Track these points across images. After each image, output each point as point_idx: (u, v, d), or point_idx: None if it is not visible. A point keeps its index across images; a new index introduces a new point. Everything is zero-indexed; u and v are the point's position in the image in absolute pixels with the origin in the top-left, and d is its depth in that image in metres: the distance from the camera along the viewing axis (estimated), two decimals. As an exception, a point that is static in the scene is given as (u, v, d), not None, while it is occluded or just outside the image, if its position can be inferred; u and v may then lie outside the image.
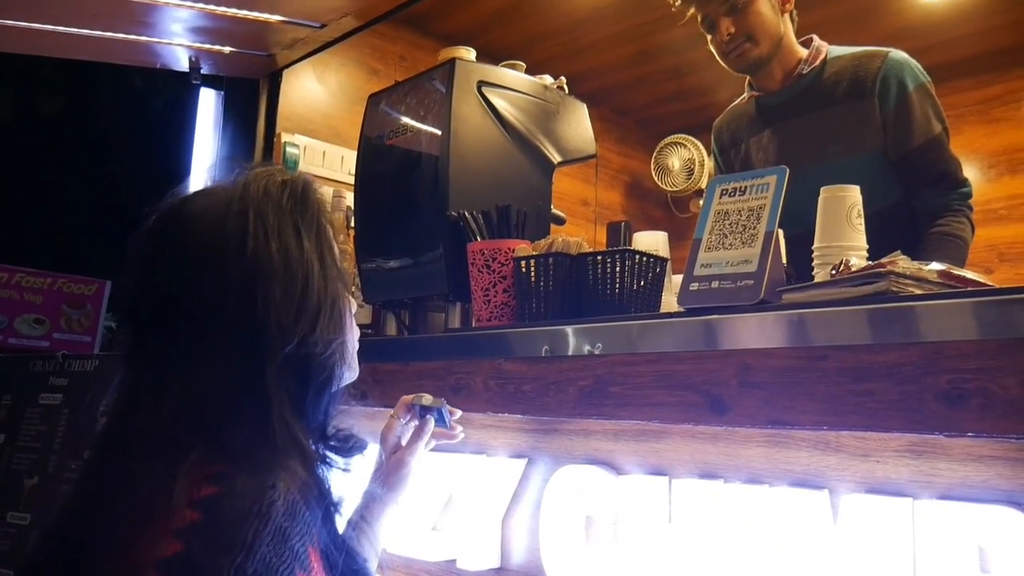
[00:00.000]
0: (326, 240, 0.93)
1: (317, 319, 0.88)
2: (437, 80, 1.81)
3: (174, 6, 1.89)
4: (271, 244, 0.86)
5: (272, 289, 0.85)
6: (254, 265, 0.86)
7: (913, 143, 1.85)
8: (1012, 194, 3.67)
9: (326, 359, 0.90)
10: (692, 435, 1.23)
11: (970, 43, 3.54)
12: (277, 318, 0.85)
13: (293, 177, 0.95)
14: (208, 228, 0.87)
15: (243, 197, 0.88)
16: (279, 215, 0.88)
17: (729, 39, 1.90)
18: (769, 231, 1.19)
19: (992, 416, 0.89)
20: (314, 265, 0.89)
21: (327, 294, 0.90)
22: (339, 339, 0.92)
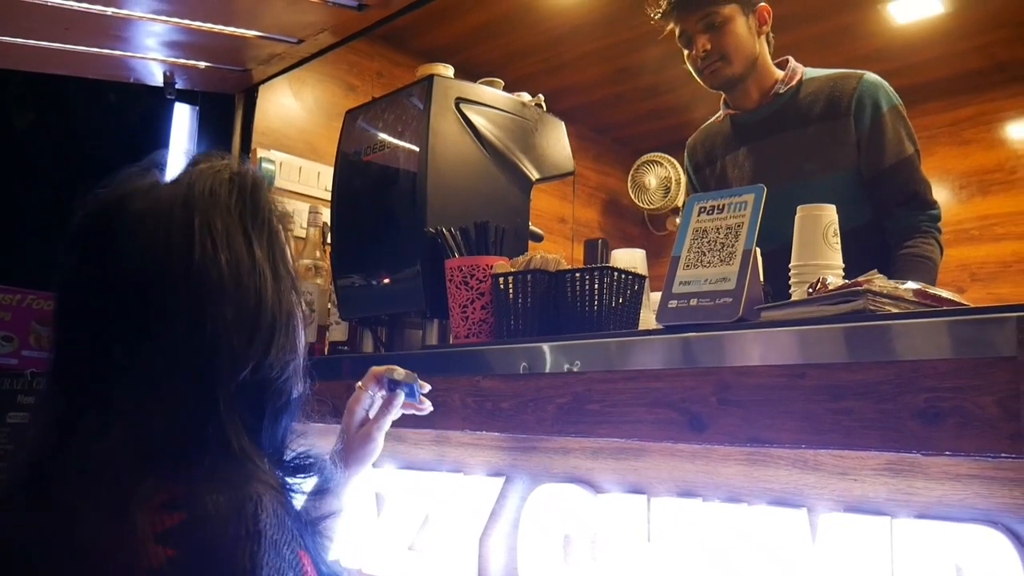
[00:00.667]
0: (278, 245, 0.84)
1: (272, 340, 0.80)
2: (415, 96, 1.81)
3: (148, 20, 1.87)
4: (220, 256, 0.77)
5: (223, 309, 0.77)
6: (202, 281, 0.77)
7: (885, 163, 1.88)
8: (983, 215, 3.72)
9: (283, 383, 0.82)
10: (671, 453, 1.22)
11: (941, 65, 3.60)
12: (229, 342, 0.77)
13: (241, 172, 0.85)
14: (148, 237, 0.77)
15: (188, 200, 0.79)
16: (227, 220, 0.79)
17: (704, 55, 1.94)
18: (747, 249, 1.19)
19: (969, 435, 0.89)
20: (267, 277, 0.80)
21: (282, 309, 0.82)
22: (295, 359, 0.84)
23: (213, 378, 0.76)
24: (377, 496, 1.62)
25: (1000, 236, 3.67)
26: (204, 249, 0.77)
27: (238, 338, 0.77)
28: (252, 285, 0.79)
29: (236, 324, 0.77)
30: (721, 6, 1.92)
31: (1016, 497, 0.90)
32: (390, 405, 1.26)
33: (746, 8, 1.95)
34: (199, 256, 0.77)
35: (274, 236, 0.84)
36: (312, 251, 2.19)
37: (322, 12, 1.92)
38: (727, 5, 1.92)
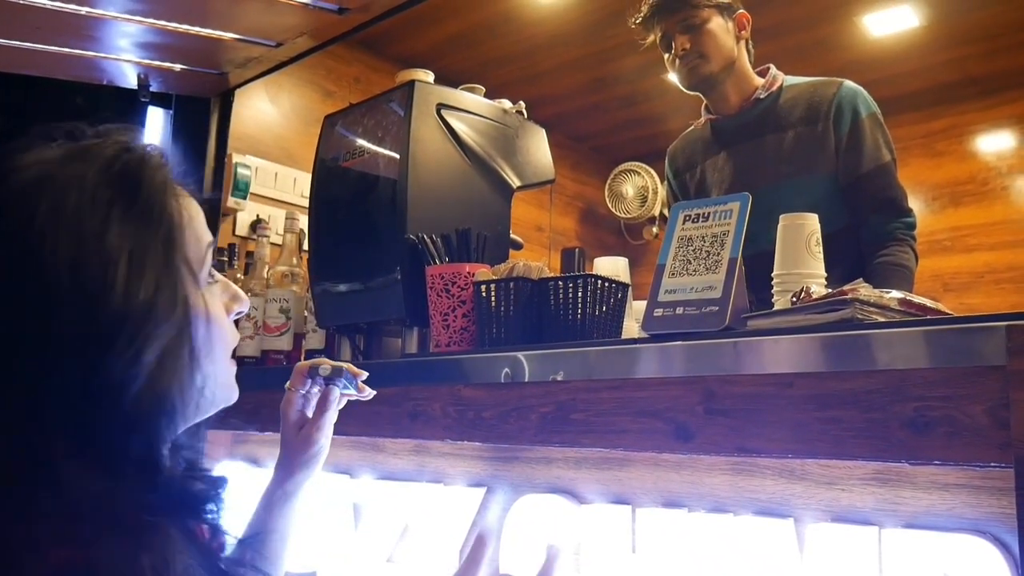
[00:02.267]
0: (157, 226, 0.73)
1: (113, 339, 0.68)
2: (395, 102, 1.79)
3: (122, 20, 1.83)
4: (59, 247, 0.68)
5: (50, 306, 0.67)
6: (32, 274, 0.67)
7: (863, 168, 1.90)
8: (956, 226, 3.77)
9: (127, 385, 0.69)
10: (656, 463, 1.21)
11: (915, 78, 3.65)
12: (56, 344, 0.67)
13: (131, 149, 0.75)
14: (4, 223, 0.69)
15: (50, 177, 0.71)
16: (83, 201, 0.70)
17: (683, 54, 1.97)
18: (733, 257, 1.19)
19: (958, 444, 0.89)
20: (118, 266, 0.69)
21: (133, 302, 0.69)
22: (150, 357, 0.70)
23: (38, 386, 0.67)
24: (355, 507, 1.59)
25: (972, 247, 3.72)
26: (42, 245, 0.67)
27: (67, 338, 0.67)
28: (95, 277, 0.68)
29: (67, 322, 0.67)
30: (700, 9, 1.95)
31: (1004, 507, 0.90)
32: (327, 401, 1.15)
33: (725, 12, 1.99)
34: (35, 246, 0.67)
35: (154, 218, 0.73)
36: (289, 258, 2.16)
37: (301, 15, 1.89)
38: (705, 8, 1.96)
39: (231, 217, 2.63)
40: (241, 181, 2.52)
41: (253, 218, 2.69)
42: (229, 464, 1.95)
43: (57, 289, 0.67)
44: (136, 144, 0.76)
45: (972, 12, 3.13)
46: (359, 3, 1.84)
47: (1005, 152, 3.76)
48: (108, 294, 0.68)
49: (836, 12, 3.16)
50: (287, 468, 1.14)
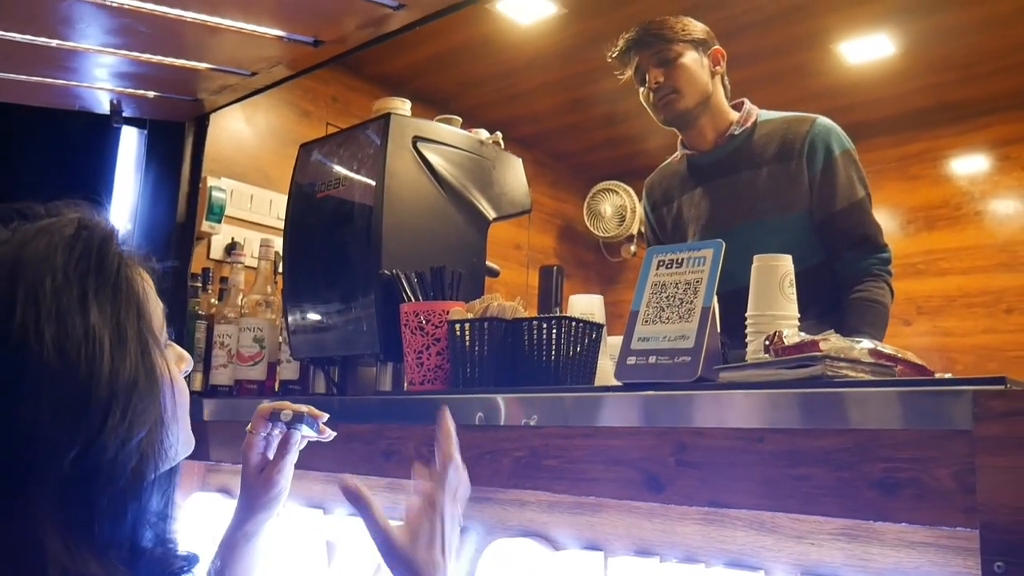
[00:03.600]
0: (127, 304, 0.75)
1: (106, 417, 0.69)
2: (371, 134, 1.78)
3: (95, 52, 1.81)
4: (44, 328, 0.68)
5: (43, 387, 0.68)
6: (19, 360, 0.67)
7: (836, 206, 1.91)
8: (929, 249, 3.81)
9: (121, 466, 0.71)
10: (628, 510, 1.21)
11: (890, 103, 3.68)
12: (47, 428, 0.67)
13: (89, 225, 0.76)
14: None
15: (16, 264, 0.71)
16: (59, 283, 0.71)
17: (657, 88, 1.97)
18: (706, 307, 1.19)
19: (924, 506, 0.89)
20: (103, 345, 0.71)
21: (121, 379, 0.71)
22: (141, 433, 0.72)
23: (26, 472, 0.67)
24: (328, 544, 1.58)
25: (945, 271, 3.76)
26: (25, 322, 0.68)
27: (58, 423, 0.68)
28: (82, 357, 0.69)
29: (60, 407, 0.68)
30: (675, 43, 1.96)
31: (971, 567, 0.91)
32: (288, 444, 1.16)
33: (700, 48, 1.99)
34: (19, 331, 0.68)
35: (122, 295, 0.75)
36: (263, 285, 2.15)
37: (276, 47, 1.88)
38: (680, 43, 1.97)
39: (205, 240, 2.60)
40: (216, 205, 2.49)
41: (228, 241, 2.66)
42: (201, 495, 1.93)
43: (46, 372, 0.68)
44: (91, 220, 0.77)
45: (946, 42, 3.17)
46: (334, 36, 1.83)
47: (978, 177, 3.81)
48: (97, 374, 0.70)
49: (813, 40, 3.19)
50: (248, 509, 1.15)
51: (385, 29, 1.82)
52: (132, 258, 0.79)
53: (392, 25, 1.79)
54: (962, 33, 3.10)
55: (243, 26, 1.74)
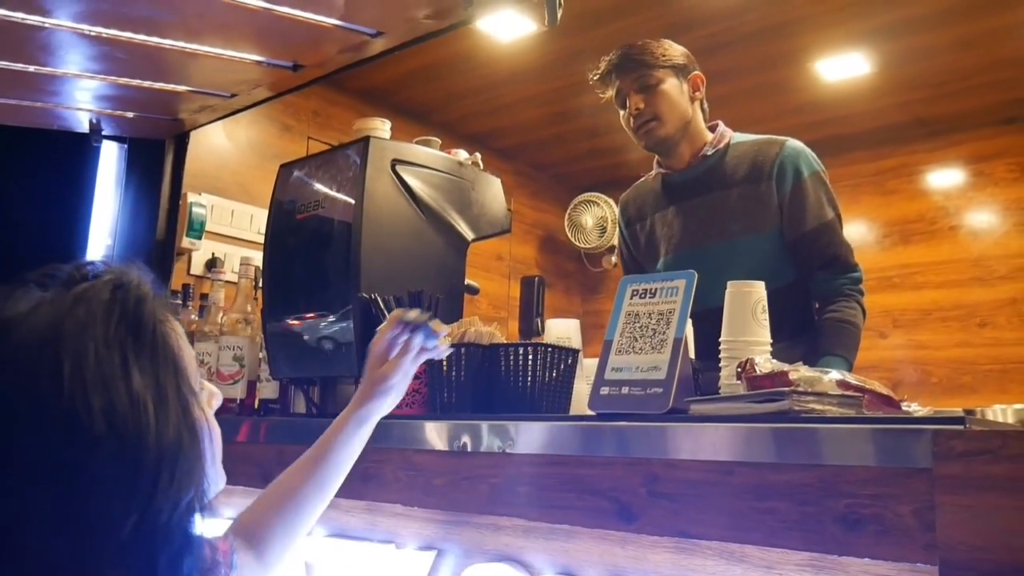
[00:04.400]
0: (165, 362, 0.77)
1: (157, 482, 0.71)
2: (350, 157, 1.79)
3: (73, 76, 1.81)
4: (93, 401, 0.70)
5: (96, 462, 0.69)
6: (71, 434, 0.69)
7: (806, 227, 1.93)
8: (905, 263, 3.86)
9: (176, 523, 0.73)
10: (602, 536, 1.23)
11: (866, 119, 3.73)
12: (105, 498, 0.69)
13: (123, 284, 0.78)
14: (17, 379, 0.71)
15: (59, 333, 0.72)
16: (102, 353, 0.72)
17: (637, 114, 1.99)
18: (678, 338, 1.21)
19: (886, 542, 0.92)
20: (148, 410, 0.72)
21: (167, 442, 0.73)
22: (190, 493, 0.75)
23: (87, 542, 0.69)
24: (307, 565, 1.59)
25: (920, 284, 3.81)
26: (73, 396, 0.69)
27: (115, 493, 0.70)
28: (131, 425, 0.71)
29: (112, 478, 0.70)
30: (655, 69, 1.98)
31: (932, 600, 0.93)
32: (408, 346, 1.27)
33: (680, 73, 2.01)
34: (68, 405, 0.69)
35: (160, 353, 0.77)
36: (243, 303, 2.15)
37: (255, 71, 1.89)
38: (660, 69, 1.98)
39: (186, 256, 2.60)
40: (196, 221, 2.49)
41: (208, 257, 2.66)
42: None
43: (98, 445, 0.69)
44: (124, 279, 0.79)
45: (919, 61, 3.23)
46: (313, 61, 1.85)
47: (952, 192, 3.86)
48: (144, 441, 0.71)
49: (791, 57, 3.23)
50: (363, 397, 1.25)
51: (364, 55, 1.83)
52: (164, 310, 0.81)
53: (370, 51, 1.80)
54: (935, 53, 3.15)
55: (221, 52, 1.75)
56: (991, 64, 3.24)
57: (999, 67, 3.27)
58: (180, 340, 0.82)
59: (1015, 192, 3.69)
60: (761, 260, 1.43)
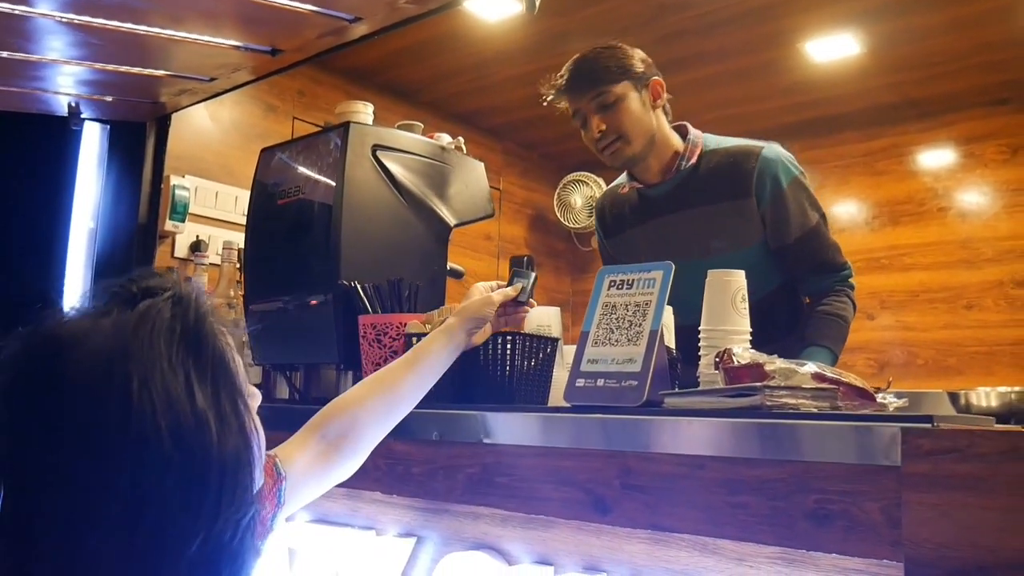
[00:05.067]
0: (223, 379, 0.78)
1: (220, 503, 0.73)
2: (331, 141, 1.78)
3: (49, 63, 1.79)
4: (160, 421, 0.71)
5: (165, 483, 0.70)
6: (140, 450, 0.70)
7: (791, 237, 1.89)
8: (893, 244, 3.86)
9: (238, 546, 0.75)
10: (578, 526, 1.24)
11: (857, 99, 3.72)
12: (173, 520, 0.71)
13: (183, 300, 0.79)
14: (84, 397, 0.72)
15: (125, 350, 0.73)
16: (168, 374, 0.73)
17: (600, 136, 1.89)
18: (654, 330, 1.21)
19: (854, 539, 0.92)
20: (211, 428, 0.74)
21: (227, 460, 0.75)
22: (252, 510, 0.77)
23: (159, 562, 0.70)
24: (290, 551, 1.60)
25: (909, 266, 3.81)
26: (142, 415, 0.71)
27: (182, 512, 0.71)
28: (196, 443, 0.73)
29: (180, 497, 0.71)
30: (612, 84, 1.86)
31: (898, 596, 0.94)
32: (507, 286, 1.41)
33: (638, 84, 1.90)
34: (136, 424, 0.71)
35: (220, 370, 0.78)
36: (226, 288, 2.15)
37: (234, 55, 1.87)
38: (618, 83, 1.87)
39: (169, 239, 2.59)
40: (179, 204, 2.47)
41: (193, 239, 2.65)
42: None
43: (166, 463, 0.71)
44: (182, 294, 0.80)
45: (910, 42, 3.21)
46: (292, 46, 1.82)
47: (942, 174, 3.85)
48: (209, 459, 0.73)
49: (780, 38, 3.20)
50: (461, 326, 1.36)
51: (344, 39, 1.81)
52: (220, 324, 0.82)
53: (351, 36, 1.78)
54: (925, 34, 3.13)
55: (198, 37, 1.72)
56: (982, 45, 3.22)
57: (990, 48, 3.25)
58: (234, 353, 0.84)
59: (1004, 174, 3.68)
60: (748, 272, 1.39)
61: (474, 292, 1.42)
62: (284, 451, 1.15)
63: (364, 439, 1.23)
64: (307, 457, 1.16)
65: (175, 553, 0.71)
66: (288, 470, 1.11)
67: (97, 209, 2.38)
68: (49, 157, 2.33)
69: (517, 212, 4.64)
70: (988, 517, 0.82)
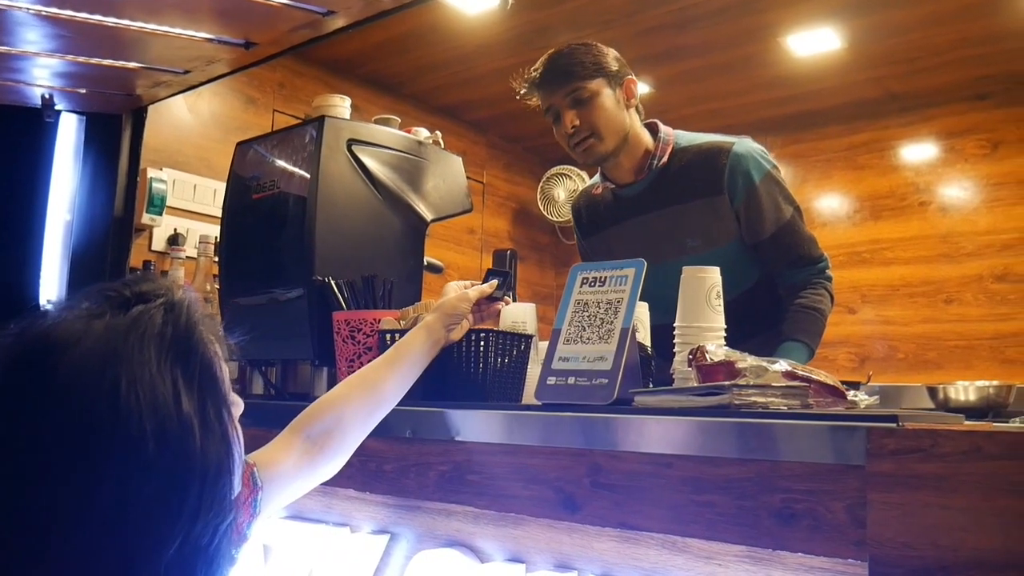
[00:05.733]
0: (210, 385, 0.79)
1: (199, 507, 0.74)
2: (306, 136, 1.77)
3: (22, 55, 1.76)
4: (146, 424, 0.72)
5: (148, 483, 0.71)
6: (125, 452, 0.71)
7: (766, 232, 1.89)
8: (874, 238, 3.87)
9: (214, 551, 0.76)
10: (548, 524, 1.24)
11: (839, 93, 3.73)
12: (153, 519, 0.72)
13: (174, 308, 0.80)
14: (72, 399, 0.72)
15: (116, 355, 0.74)
16: (155, 377, 0.75)
17: (573, 132, 1.89)
18: (625, 328, 1.21)
19: (819, 538, 0.92)
20: (194, 434, 0.75)
21: (209, 466, 0.76)
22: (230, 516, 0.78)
23: (134, 565, 0.71)
24: (265, 548, 1.59)
25: (890, 260, 3.83)
26: (128, 419, 0.72)
27: (163, 515, 0.72)
28: (180, 448, 0.74)
29: (161, 500, 0.72)
30: (587, 81, 1.86)
31: (863, 594, 0.94)
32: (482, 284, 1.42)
33: (612, 82, 1.89)
34: (122, 427, 0.72)
35: (206, 377, 0.79)
36: (202, 282, 2.13)
37: (207, 48, 1.84)
38: (592, 80, 1.86)
39: (147, 233, 2.56)
40: (156, 196, 2.45)
41: (171, 232, 2.63)
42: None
43: (149, 466, 0.72)
44: (174, 300, 0.81)
45: (890, 37, 3.21)
46: (266, 39, 1.80)
47: (923, 168, 3.87)
48: (190, 465, 0.74)
49: (761, 32, 3.20)
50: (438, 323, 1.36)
51: (319, 32, 1.79)
52: (209, 332, 0.83)
53: (325, 29, 1.76)
54: (906, 29, 3.14)
55: (169, 30, 1.70)
56: (963, 40, 3.23)
57: (971, 43, 3.26)
58: (221, 363, 0.84)
59: (984, 168, 3.70)
60: (725, 270, 1.39)
61: (449, 290, 1.42)
62: (268, 452, 1.16)
63: (349, 438, 1.24)
64: (292, 457, 1.17)
65: (153, 555, 0.71)
66: (273, 471, 1.12)
67: (73, 201, 2.36)
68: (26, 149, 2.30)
69: (501, 206, 4.63)
70: (950, 517, 0.82)
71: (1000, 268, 3.59)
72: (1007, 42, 3.23)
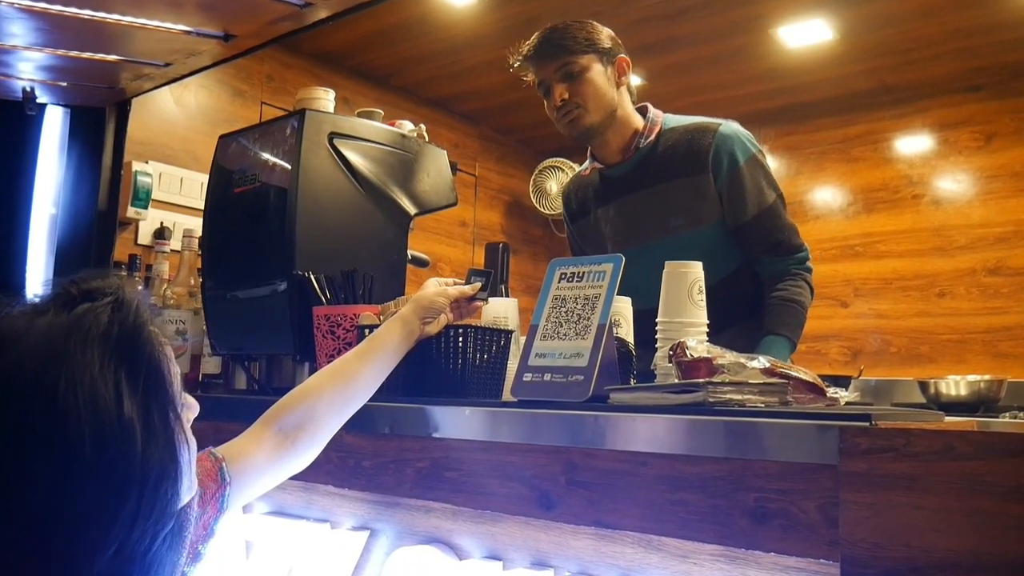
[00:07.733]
0: (155, 387, 0.77)
1: (138, 510, 0.72)
2: (288, 129, 1.75)
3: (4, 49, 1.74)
4: (84, 427, 0.70)
5: (84, 486, 0.70)
6: (62, 455, 0.69)
7: (748, 214, 1.89)
8: (868, 232, 3.85)
9: (155, 555, 0.74)
10: (525, 522, 1.23)
11: (832, 86, 3.70)
12: (87, 525, 0.70)
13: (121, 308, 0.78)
14: (9, 397, 0.71)
15: (55, 354, 0.72)
16: (97, 377, 0.72)
17: (562, 104, 1.90)
18: (602, 324, 1.19)
19: (792, 537, 0.91)
20: (135, 438, 0.73)
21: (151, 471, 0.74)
22: (171, 523, 0.76)
23: (67, 570, 0.69)
24: (246, 544, 1.59)
25: (882, 253, 3.81)
26: (66, 420, 0.70)
27: (99, 519, 0.70)
28: (119, 452, 0.72)
29: (98, 504, 0.71)
30: (578, 55, 1.88)
31: (836, 594, 0.93)
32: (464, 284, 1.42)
33: (604, 58, 1.91)
34: (59, 428, 0.70)
35: (152, 380, 0.77)
36: (187, 276, 2.11)
37: (186, 41, 1.83)
38: (584, 55, 1.88)
39: (132, 226, 2.55)
40: (141, 190, 2.43)
41: (157, 226, 2.61)
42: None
43: (86, 469, 0.70)
44: (121, 297, 0.79)
45: (883, 28, 3.19)
46: (245, 31, 1.79)
47: (916, 161, 3.85)
48: (131, 469, 0.72)
49: (752, 24, 3.18)
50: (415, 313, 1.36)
51: (298, 25, 1.77)
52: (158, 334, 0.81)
53: (304, 21, 1.75)
54: (899, 20, 3.12)
55: (147, 22, 1.69)
56: (956, 32, 3.21)
57: (964, 35, 3.24)
58: (171, 364, 0.82)
59: (978, 161, 3.68)
60: (706, 252, 1.37)
61: (429, 286, 1.41)
62: (239, 444, 1.15)
63: (321, 431, 1.23)
64: (263, 449, 1.16)
65: (87, 559, 0.70)
66: (243, 464, 1.11)
67: (58, 195, 2.34)
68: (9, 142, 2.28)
69: (494, 198, 4.61)
70: (921, 517, 0.81)
71: (993, 261, 3.57)
72: (1001, 33, 3.21)
